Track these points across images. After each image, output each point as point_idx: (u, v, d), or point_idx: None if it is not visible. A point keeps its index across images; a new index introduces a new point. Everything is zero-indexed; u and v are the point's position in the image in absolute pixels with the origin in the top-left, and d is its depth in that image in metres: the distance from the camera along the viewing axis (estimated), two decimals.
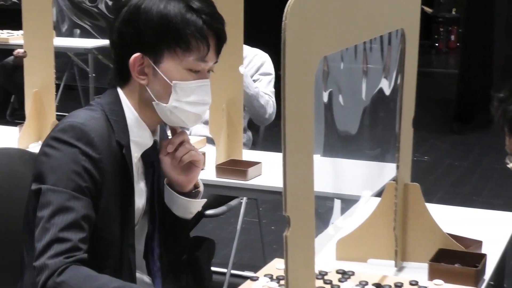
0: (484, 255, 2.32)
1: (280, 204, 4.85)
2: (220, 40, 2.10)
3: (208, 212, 3.93)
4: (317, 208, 1.62)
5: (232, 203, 4.14)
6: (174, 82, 2.06)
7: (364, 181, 2.22)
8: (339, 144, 1.95)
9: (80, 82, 8.31)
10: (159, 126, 2.21)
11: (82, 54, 8.00)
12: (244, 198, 4.32)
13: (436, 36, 13.24)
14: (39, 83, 3.81)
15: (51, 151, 2.00)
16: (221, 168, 3.44)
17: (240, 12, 3.35)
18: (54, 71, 3.81)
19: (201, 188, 2.27)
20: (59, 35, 7.77)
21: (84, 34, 8.40)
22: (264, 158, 3.69)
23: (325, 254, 2.44)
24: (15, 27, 7.00)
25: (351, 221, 2.30)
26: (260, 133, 4.51)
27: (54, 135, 2.02)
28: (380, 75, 2.10)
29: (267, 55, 4.26)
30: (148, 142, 2.14)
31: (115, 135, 2.07)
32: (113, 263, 2.09)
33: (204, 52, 2.06)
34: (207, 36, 2.06)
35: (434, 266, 2.26)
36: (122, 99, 2.11)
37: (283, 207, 1.55)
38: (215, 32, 2.08)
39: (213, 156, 3.55)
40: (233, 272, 4.38)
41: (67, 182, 1.97)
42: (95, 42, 7.83)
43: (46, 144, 2.03)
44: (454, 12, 13.25)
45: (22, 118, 3.84)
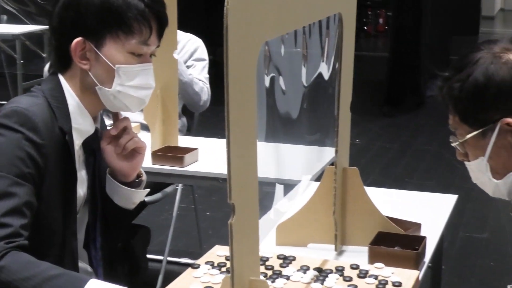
0: (424, 237, 2.34)
1: (215, 189, 4.89)
2: (162, 23, 2.09)
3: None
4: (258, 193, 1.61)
5: (168, 189, 4.11)
6: (117, 66, 2.04)
7: (304, 165, 2.23)
8: (280, 129, 1.94)
9: (8, 68, 8.15)
10: (99, 114, 2.18)
11: (10, 40, 7.84)
12: (180, 185, 4.29)
13: (365, 20, 13.35)
14: None
15: None
16: (157, 155, 3.40)
17: None
18: None
19: (143, 177, 2.25)
20: None
21: (11, 20, 8.24)
22: (200, 144, 3.67)
23: (265, 240, 2.44)
24: None
25: (291, 206, 2.29)
26: (194, 118, 4.49)
27: None
28: (319, 60, 2.10)
29: (200, 41, 4.24)
30: (90, 129, 2.11)
31: (58, 122, 2.03)
32: (55, 251, 2.06)
33: (146, 35, 2.05)
34: (149, 19, 2.05)
35: (374, 249, 2.28)
36: (63, 85, 2.07)
37: (228, 194, 1.53)
38: (157, 15, 2.07)
39: (148, 143, 3.51)
40: (169, 259, 4.36)
41: (10, 167, 1.92)
42: (23, 28, 7.68)
43: None
44: None
45: None
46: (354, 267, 2.21)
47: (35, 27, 7.80)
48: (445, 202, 2.89)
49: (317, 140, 2.27)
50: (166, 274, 4.28)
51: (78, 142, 2.10)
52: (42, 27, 7.67)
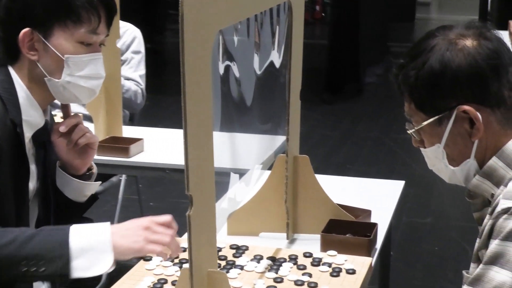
0: (375, 224, 2.35)
1: (158, 180, 4.84)
2: (110, 11, 2.06)
3: None
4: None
5: (112, 180, 4.06)
6: (66, 56, 2.00)
7: (256, 154, 2.22)
8: (235, 118, 1.93)
9: None
10: (48, 106, 2.14)
11: None
12: (124, 175, 4.25)
13: None
14: None
15: None
16: (102, 146, 3.34)
17: None
18: None
19: (94, 170, 2.22)
20: None
21: None
22: (144, 134, 3.64)
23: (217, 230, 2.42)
24: None
25: (242, 195, 2.28)
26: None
27: None
28: (271, 48, 2.09)
29: (138, 31, 4.18)
30: (40, 122, 2.07)
31: (9, 114, 1.99)
32: None
33: (95, 24, 2.02)
34: (98, 7, 2.02)
35: (326, 237, 2.28)
36: (13, 76, 2.03)
37: (186, 186, 1.51)
38: (105, 4, 2.04)
39: None
40: None
41: None
42: None
43: None
44: None
45: None
46: (307, 255, 2.21)
47: None
48: (392, 188, 2.91)
49: (269, 128, 2.26)
50: None
51: (28, 135, 2.05)
52: None
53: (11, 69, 2.04)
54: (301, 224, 2.43)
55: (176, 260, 2.16)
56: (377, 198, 2.78)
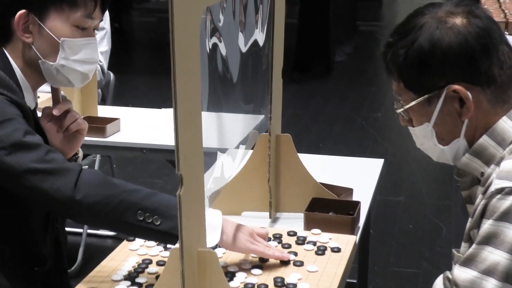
0: (358, 202, 2.35)
1: (131, 160, 4.81)
2: None
3: None
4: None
5: (86, 160, 4.04)
6: (62, 39, 1.98)
7: (239, 133, 2.21)
8: (221, 97, 1.92)
9: None
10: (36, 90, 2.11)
11: None
12: (98, 155, 4.22)
13: None
14: None
15: None
16: None
17: None
18: None
19: (80, 154, 2.21)
20: None
21: None
22: (120, 114, 3.61)
23: None
24: None
25: (224, 175, 2.27)
26: (110, 89, 4.40)
27: None
28: (254, 27, 2.08)
29: None
30: (32, 104, 2.04)
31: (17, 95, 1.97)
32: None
33: (91, 8, 2.00)
34: None
35: (310, 215, 2.28)
36: (8, 57, 2.00)
37: (176, 166, 1.50)
38: None
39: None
40: (89, 231, 4.29)
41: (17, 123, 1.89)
42: None
43: None
44: None
45: None
46: (292, 234, 2.21)
47: None
48: (372, 167, 2.91)
49: (252, 108, 2.25)
50: (86, 246, 4.22)
51: None
52: None
53: (4, 50, 2.01)
54: (283, 203, 2.43)
55: None
56: (357, 176, 2.78)
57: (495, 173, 1.66)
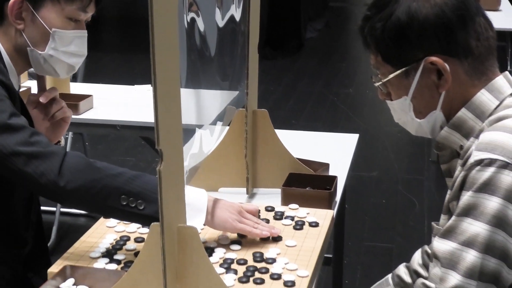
0: (335, 177, 2.36)
1: (102, 138, 4.79)
2: None
3: None
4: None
5: None
6: (54, 29, 1.98)
7: (216, 109, 2.20)
8: (199, 73, 1.91)
9: None
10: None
11: None
12: (70, 133, 4.19)
13: None
14: None
15: None
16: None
17: None
18: None
19: (62, 142, 2.21)
20: None
21: None
22: (92, 91, 3.59)
23: None
24: None
25: (203, 150, 2.27)
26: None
27: None
28: (231, 2, 2.06)
29: None
30: (16, 87, 2.03)
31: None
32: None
33: (86, 2, 2.01)
34: None
35: (287, 191, 2.28)
36: None
37: (156, 141, 1.49)
38: None
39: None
40: (62, 210, 4.27)
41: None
42: None
43: None
44: None
45: None
46: (269, 209, 2.21)
47: None
48: (347, 142, 2.92)
49: (229, 84, 2.24)
50: (60, 225, 4.20)
51: None
52: None
53: None
54: (260, 178, 2.43)
55: None
56: (333, 152, 2.79)
57: (474, 145, 1.67)
